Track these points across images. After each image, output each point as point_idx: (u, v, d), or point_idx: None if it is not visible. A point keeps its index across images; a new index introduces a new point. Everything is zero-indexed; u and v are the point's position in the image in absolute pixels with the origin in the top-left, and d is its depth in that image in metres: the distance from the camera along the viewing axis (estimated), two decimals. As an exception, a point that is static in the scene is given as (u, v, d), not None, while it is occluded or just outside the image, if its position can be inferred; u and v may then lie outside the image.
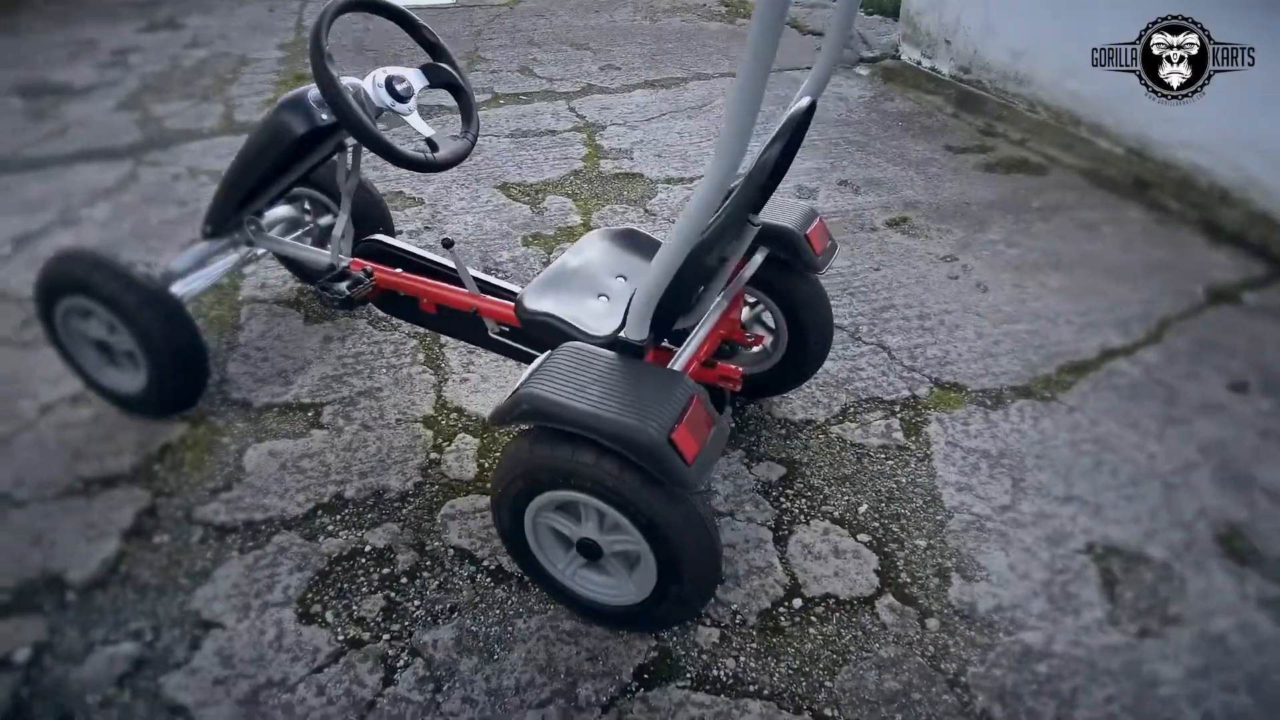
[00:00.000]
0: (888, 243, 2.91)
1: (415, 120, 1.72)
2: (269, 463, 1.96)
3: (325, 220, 2.37)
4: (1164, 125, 3.14)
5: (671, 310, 1.47)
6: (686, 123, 3.89)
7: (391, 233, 2.43)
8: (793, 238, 1.78)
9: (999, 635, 1.60)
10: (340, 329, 2.42)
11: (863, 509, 1.86)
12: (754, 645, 1.57)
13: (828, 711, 1.46)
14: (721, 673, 1.52)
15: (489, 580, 1.69)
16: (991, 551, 1.76)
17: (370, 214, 2.36)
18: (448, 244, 1.78)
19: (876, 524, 1.82)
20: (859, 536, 1.79)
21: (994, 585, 1.69)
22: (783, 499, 1.88)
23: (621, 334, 1.40)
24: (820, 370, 2.24)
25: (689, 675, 1.51)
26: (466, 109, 1.85)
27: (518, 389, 1.33)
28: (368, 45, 4.83)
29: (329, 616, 1.61)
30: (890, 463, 1.98)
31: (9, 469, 1.93)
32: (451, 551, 1.75)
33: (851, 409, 2.14)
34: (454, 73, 1.81)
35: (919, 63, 4.47)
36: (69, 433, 2.04)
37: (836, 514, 1.85)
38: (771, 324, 2.01)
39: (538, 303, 1.59)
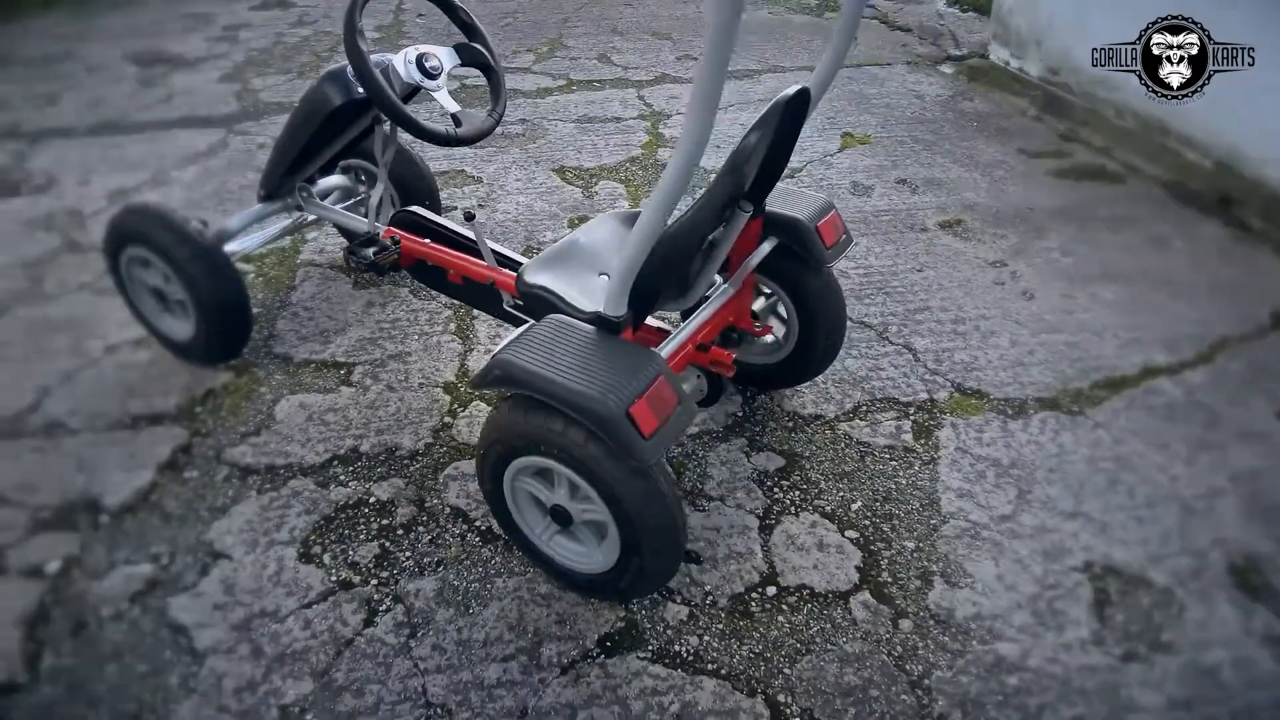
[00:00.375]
0: (936, 244, 2.84)
1: (443, 96, 1.80)
2: (298, 413, 2.09)
3: (377, 191, 2.50)
4: (1261, 139, 2.95)
5: (654, 290, 1.50)
6: (751, 115, 3.87)
7: (437, 206, 2.54)
8: (801, 228, 1.78)
9: (973, 643, 1.57)
10: (384, 295, 2.55)
11: (856, 506, 1.85)
12: (720, 626, 1.59)
13: (781, 698, 1.47)
14: (683, 649, 1.55)
15: (478, 540, 1.77)
16: (981, 560, 1.73)
17: (418, 187, 2.47)
18: (469, 217, 1.86)
19: (867, 522, 1.81)
20: (846, 533, 1.79)
21: (977, 594, 1.66)
22: (776, 489, 1.89)
23: (600, 310, 1.45)
24: (839, 367, 2.23)
25: (650, 648, 1.55)
26: (495, 88, 1.92)
27: (494, 355, 1.40)
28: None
29: (326, 559, 1.72)
30: (893, 463, 1.96)
31: (69, 401, 2.13)
32: (448, 510, 1.83)
33: (864, 407, 2.12)
34: (486, 53, 1.89)
35: (1007, 63, 4.31)
36: (127, 372, 2.23)
37: (828, 509, 1.84)
38: (785, 315, 2.01)
39: (536, 276, 1.65)
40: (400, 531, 1.79)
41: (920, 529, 1.79)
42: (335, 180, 2.38)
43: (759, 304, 1.99)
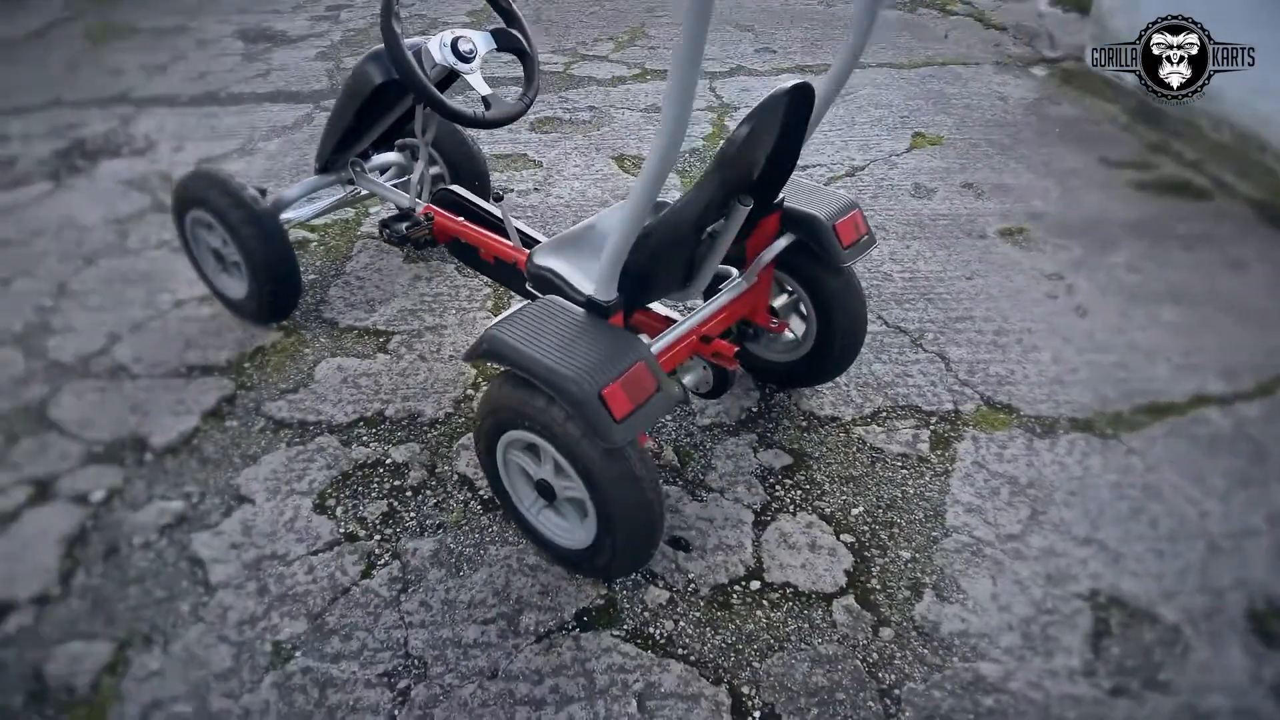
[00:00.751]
0: (992, 252, 2.75)
1: (476, 80, 1.87)
2: (335, 375, 2.21)
3: (434, 170, 2.60)
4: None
5: (647, 277, 1.52)
6: (824, 111, 3.82)
7: (486, 187, 2.62)
8: (818, 226, 1.77)
9: (953, 659, 1.54)
10: (430, 270, 2.65)
11: (857, 511, 1.83)
12: (698, 614, 1.61)
13: (745, 690, 1.48)
14: (657, 631, 1.58)
15: (479, 508, 1.83)
16: (978, 577, 1.68)
17: (468, 168, 2.56)
18: (497, 197, 1.92)
19: (865, 528, 1.79)
20: (842, 536, 1.77)
21: (967, 610, 1.62)
22: (779, 487, 1.89)
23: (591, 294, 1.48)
24: (865, 370, 2.20)
25: (626, 627, 1.59)
26: (529, 74, 1.97)
27: (486, 329, 1.45)
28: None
29: (338, 511, 1.82)
30: (904, 471, 1.92)
31: (135, 348, 2.31)
32: (456, 477, 1.91)
33: (884, 413, 2.08)
34: (522, 39, 1.94)
35: (1102, 67, 4.10)
36: (189, 326, 2.40)
37: (828, 511, 1.83)
38: (806, 314, 2.00)
39: (546, 258, 1.70)
40: (409, 493, 1.87)
41: (920, 540, 1.76)
42: (390, 156, 2.49)
43: (781, 300, 1.98)
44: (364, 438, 2.02)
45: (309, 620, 1.59)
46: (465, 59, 1.86)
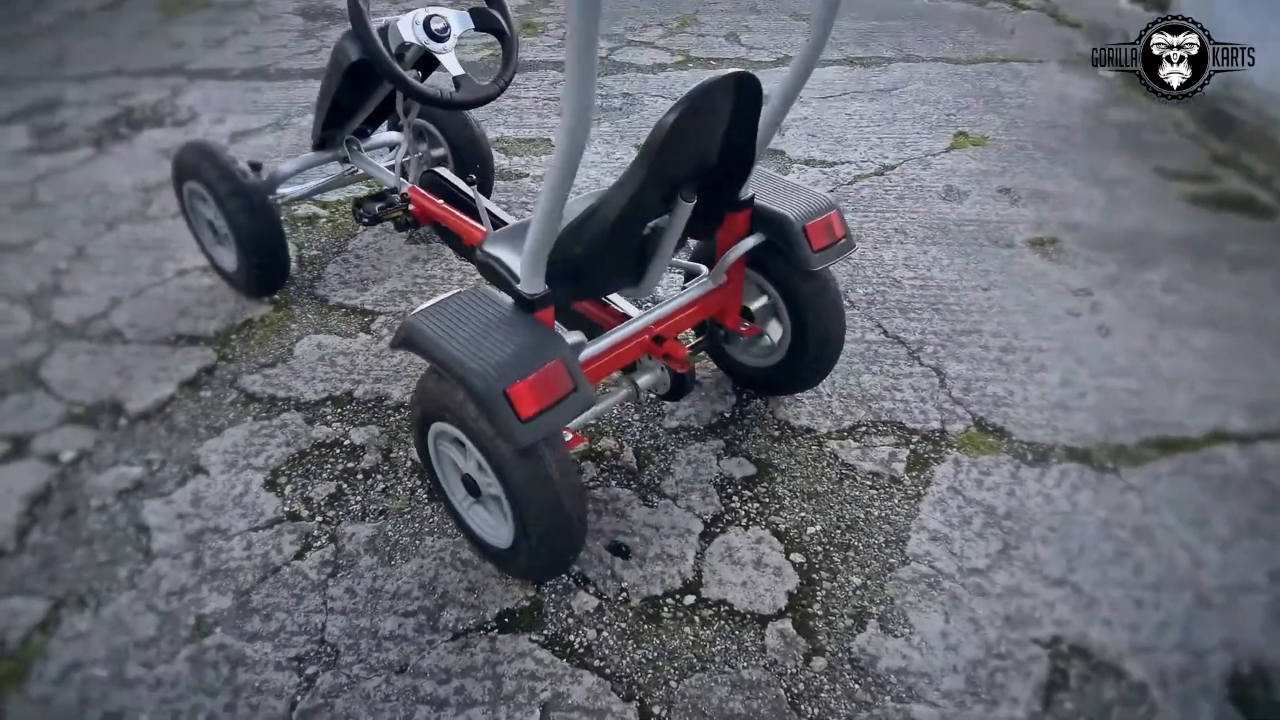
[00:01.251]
0: (1015, 263, 2.58)
1: (449, 59, 1.83)
2: (313, 352, 2.22)
3: (437, 152, 2.59)
4: None
5: (585, 272, 1.45)
6: (864, 104, 3.67)
7: (489, 171, 2.59)
8: (787, 226, 1.67)
9: (885, 698, 1.43)
10: (429, 252, 2.64)
11: (813, 529, 1.73)
12: (624, 625, 1.55)
13: (657, 709, 1.42)
14: (577, 640, 1.52)
15: (425, 496, 1.81)
16: (930, 611, 1.57)
17: (471, 152, 2.53)
18: (470, 181, 1.88)
19: (819, 548, 1.69)
20: (792, 555, 1.68)
21: (911, 646, 1.51)
22: (735, 498, 1.80)
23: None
24: (852, 381, 2.09)
25: (546, 632, 1.53)
26: (506, 56, 1.92)
27: (407, 317, 1.42)
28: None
29: (287, 489, 1.83)
30: (872, 492, 1.81)
31: (133, 313, 2.37)
32: (410, 463, 1.89)
33: (863, 427, 1.97)
34: (501, 20, 1.89)
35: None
36: (186, 295, 2.45)
37: (782, 527, 1.74)
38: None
39: (495, 246, 1.65)
40: (360, 476, 1.86)
41: (874, 566, 1.65)
42: (392, 136, 2.48)
43: (759, 303, 1.89)
44: (328, 417, 2.02)
45: (235, 597, 1.60)
46: (438, 38, 1.82)
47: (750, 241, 1.72)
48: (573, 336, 1.50)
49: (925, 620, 1.55)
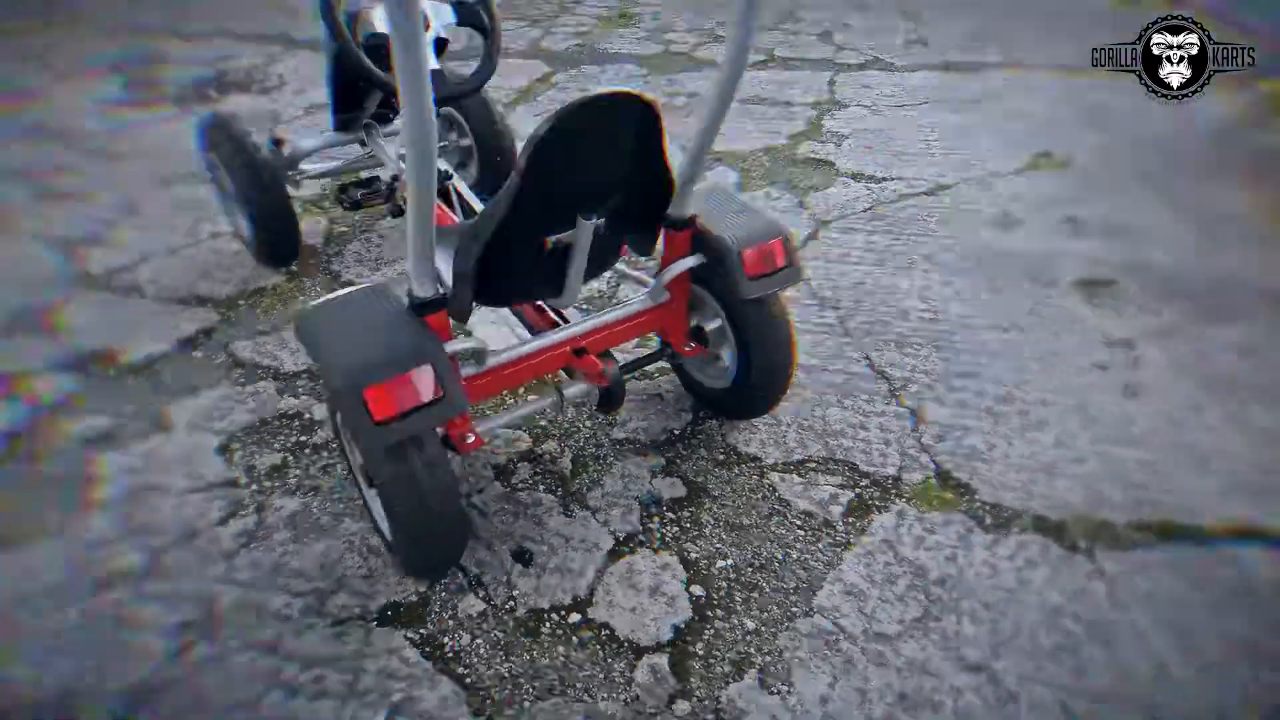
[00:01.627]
0: (1049, 304, 2.35)
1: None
2: (305, 325, 2.30)
3: (465, 142, 2.63)
4: None
5: (486, 281, 1.42)
6: (942, 115, 3.45)
7: (508, 162, 2.60)
8: (723, 250, 1.59)
9: (740, 758, 1.36)
10: (444, 235, 2.68)
11: (724, 563, 1.65)
12: (500, 634, 1.53)
13: (503, 728, 1.39)
14: (450, 644, 1.52)
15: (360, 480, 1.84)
16: (818, 673, 1.46)
17: (494, 143, 2.56)
18: (446, 175, 1.89)
19: (724, 584, 1.61)
20: (693, 588, 1.61)
21: (785, 707, 1.42)
22: (656, 519, 1.74)
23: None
24: (817, 413, 1.98)
25: (422, 631, 1.53)
26: (487, 51, 1.91)
27: (303, 307, 1.44)
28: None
29: (236, 456, 1.91)
30: (800, 532, 1.71)
31: (157, 270, 2.53)
32: (354, 444, 1.93)
33: (813, 463, 1.86)
34: (484, 15, 1.88)
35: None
36: (213, 258, 2.59)
37: (692, 556, 1.66)
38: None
39: (439, 242, 1.64)
40: (307, 451, 1.92)
41: (774, 612, 1.56)
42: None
43: (714, 324, 1.82)
44: (299, 390, 2.09)
45: (150, 555, 1.67)
46: (411, 30, 1.82)
47: (689, 261, 1.65)
48: (470, 343, 1.48)
49: (809, 681, 1.45)
